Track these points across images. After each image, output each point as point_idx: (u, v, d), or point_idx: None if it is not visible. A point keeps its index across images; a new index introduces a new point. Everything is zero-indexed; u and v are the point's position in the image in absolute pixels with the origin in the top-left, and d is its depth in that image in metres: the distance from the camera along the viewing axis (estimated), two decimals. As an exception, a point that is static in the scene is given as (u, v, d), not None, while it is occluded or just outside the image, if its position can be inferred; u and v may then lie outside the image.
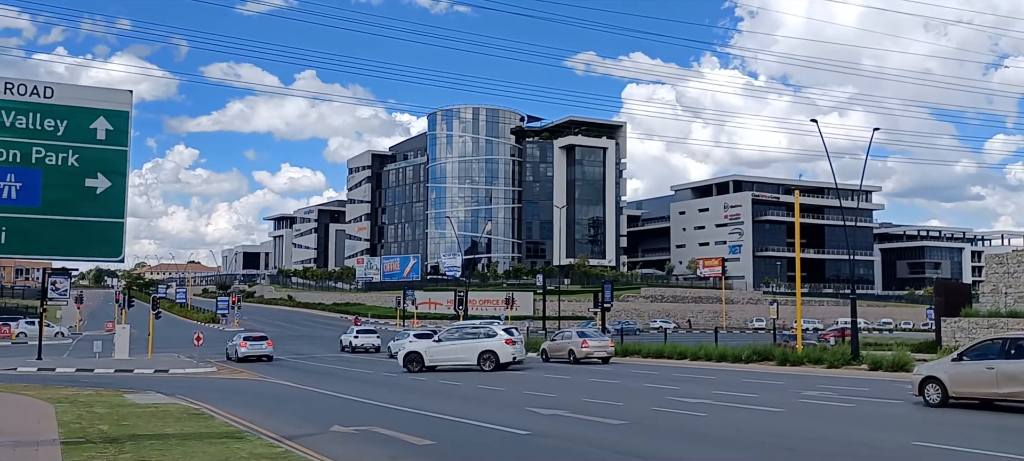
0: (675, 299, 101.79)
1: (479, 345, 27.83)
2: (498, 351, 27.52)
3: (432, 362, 27.80)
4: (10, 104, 11.41)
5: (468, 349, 27.86)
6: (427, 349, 28.14)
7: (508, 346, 27.75)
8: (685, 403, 18.38)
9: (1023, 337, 16.95)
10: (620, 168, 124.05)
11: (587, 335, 35.27)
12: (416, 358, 27.82)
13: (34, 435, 12.95)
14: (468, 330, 30.02)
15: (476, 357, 27.69)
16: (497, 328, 29.74)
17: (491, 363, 27.44)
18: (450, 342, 28.47)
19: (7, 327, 57.98)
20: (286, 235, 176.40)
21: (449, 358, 28.04)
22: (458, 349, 27.95)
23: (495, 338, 28.14)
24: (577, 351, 33.60)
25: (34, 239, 11.49)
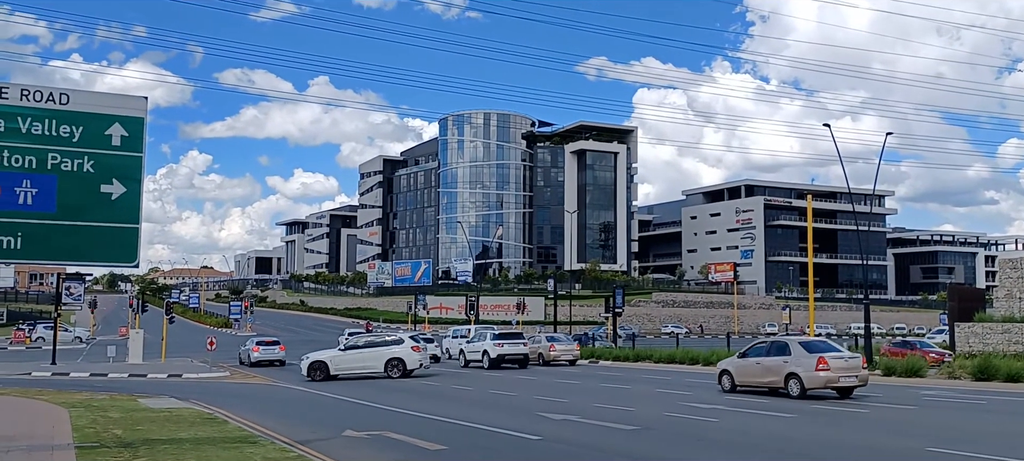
0: (687, 304, 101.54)
1: (386, 353, 27.95)
2: (405, 358, 27.71)
3: (337, 371, 27.70)
4: (26, 111, 11.51)
5: (375, 357, 27.93)
6: (332, 358, 28.01)
7: (415, 353, 28.06)
8: (697, 408, 18.35)
9: (782, 339, 23.67)
10: (631, 173, 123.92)
11: (556, 339, 39.56)
12: (321, 367, 27.65)
13: (49, 440, 13.05)
14: (374, 339, 30.25)
15: (383, 364, 27.77)
16: (404, 336, 30.14)
17: (398, 370, 27.54)
18: (357, 350, 28.51)
19: (22, 332, 58.39)
20: (298, 240, 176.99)
21: (355, 367, 28.01)
22: (365, 357, 28.07)
23: (402, 345, 28.39)
24: (545, 354, 37.13)
25: (50, 245, 11.58)
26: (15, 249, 11.33)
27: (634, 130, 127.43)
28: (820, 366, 20.30)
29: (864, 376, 21.02)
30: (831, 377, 20.27)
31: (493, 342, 35.56)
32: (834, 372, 20.28)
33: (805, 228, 77.97)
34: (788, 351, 21.46)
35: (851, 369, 20.65)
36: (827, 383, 20.36)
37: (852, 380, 20.62)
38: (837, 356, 20.87)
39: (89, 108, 11.91)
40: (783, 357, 21.33)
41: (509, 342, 35.72)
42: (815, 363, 20.38)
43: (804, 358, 20.75)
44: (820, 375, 20.25)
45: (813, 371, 20.34)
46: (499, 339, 35.96)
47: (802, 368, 20.57)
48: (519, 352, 35.31)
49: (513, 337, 36.65)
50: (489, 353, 35.07)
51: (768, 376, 21.56)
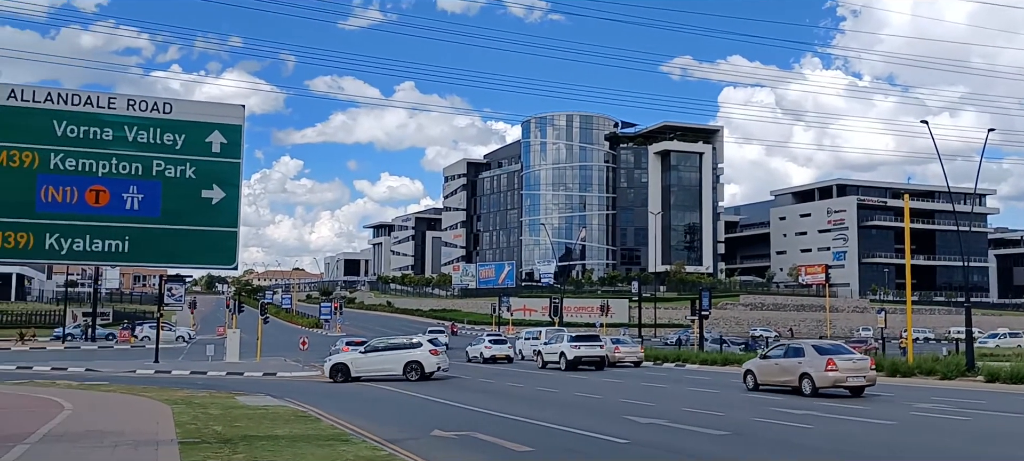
0: (776, 307, 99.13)
1: (405, 355, 28.34)
2: (423, 361, 28.04)
3: (358, 373, 28.19)
4: (132, 120, 12.05)
5: (394, 359, 28.33)
6: (353, 360, 28.54)
7: (433, 356, 28.38)
8: (790, 414, 17.90)
9: (793, 343, 25.92)
10: (717, 173, 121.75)
11: (620, 341, 41.31)
12: (342, 369, 28.24)
13: (153, 435, 13.64)
14: (393, 342, 30.91)
15: (402, 367, 28.13)
16: (422, 339, 30.53)
17: (416, 373, 27.92)
18: (377, 353, 28.93)
19: (127, 331, 61.22)
20: (385, 243, 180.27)
21: (376, 368, 28.47)
22: (385, 359, 28.48)
23: (420, 349, 28.76)
24: (610, 356, 37.43)
25: (155, 248, 12.09)
26: (123, 252, 11.89)
27: (720, 130, 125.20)
28: (829, 367, 22.28)
29: (872, 377, 22.94)
30: (839, 377, 22.23)
31: (570, 344, 36.26)
32: (842, 372, 22.24)
33: (901, 229, 74.97)
34: (802, 353, 23.43)
35: (859, 370, 22.54)
36: (835, 382, 22.30)
37: (860, 380, 22.42)
38: (845, 358, 22.81)
39: (190, 116, 12.39)
40: (798, 359, 23.38)
41: (586, 344, 36.45)
42: (825, 364, 22.36)
43: (816, 359, 22.74)
44: (829, 375, 22.27)
45: (823, 371, 22.36)
46: (576, 341, 36.65)
47: (813, 369, 22.57)
48: (596, 354, 35.97)
49: (590, 340, 37.41)
50: (566, 355, 35.72)
51: (785, 376, 23.69)
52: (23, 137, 11.49)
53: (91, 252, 11.72)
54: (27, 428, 13.92)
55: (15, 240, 11.40)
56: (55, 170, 11.55)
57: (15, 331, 60.96)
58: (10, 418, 15.69)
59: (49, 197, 11.52)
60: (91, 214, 11.62)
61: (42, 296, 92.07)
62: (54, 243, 11.51)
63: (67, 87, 12.73)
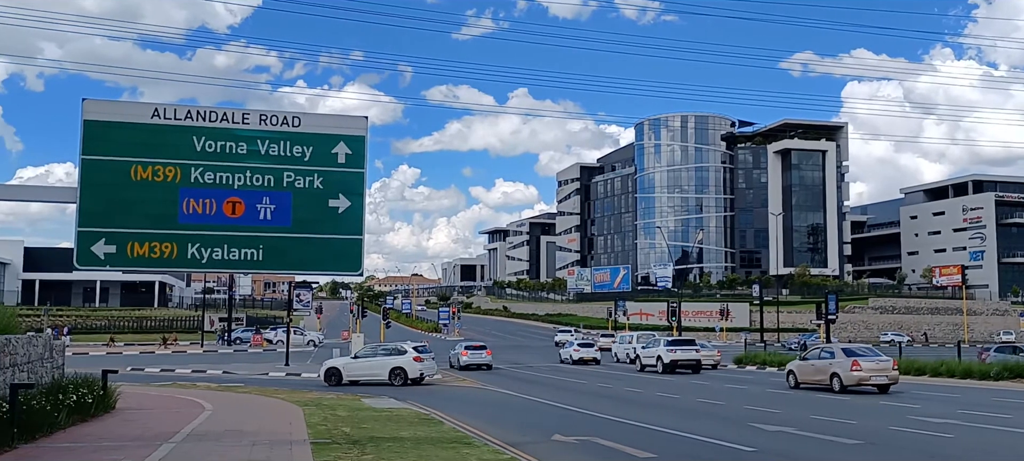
0: (908, 310, 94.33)
1: (391, 362, 29.47)
2: (406, 367, 29.17)
3: (349, 377, 29.44)
4: (265, 134, 12.62)
5: (382, 365, 29.48)
6: (345, 365, 29.98)
7: (416, 363, 29.43)
8: (927, 422, 16.97)
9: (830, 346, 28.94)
10: (842, 171, 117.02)
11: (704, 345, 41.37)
12: (335, 373, 29.63)
13: (287, 435, 14.22)
14: (382, 348, 32.18)
15: (388, 373, 29.15)
16: (407, 346, 31.49)
17: (400, 378, 28.92)
18: (366, 359, 30.11)
19: (260, 335, 64.17)
20: (500, 248, 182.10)
21: (365, 373, 29.57)
22: (373, 365, 29.63)
23: (405, 355, 29.86)
24: (664, 358, 37.18)
25: (286, 256, 12.61)
26: (258, 260, 12.45)
27: (844, 126, 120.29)
28: (854, 367, 24.84)
29: (894, 376, 25.44)
30: (863, 376, 24.78)
31: (666, 348, 37.71)
32: (866, 372, 24.83)
33: (1048, 226, 70.04)
34: (833, 355, 26.30)
35: (881, 370, 25.08)
36: (859, 381, 24.85)
37: (882, 379, 24.97)
38: (869, 359, 25.33)
39: (317, 129, 12.87)
40: (829, 360, 26.10)
41: (681, 348, 37.88)
42: (850, 365, 24.89)
43: (843, 361, 25.34)
44: (854, 374, 24.78)
45: (849, 371, 24.84)
46: (672, 345, 38.19)
47: (841, 369, 25.14)
48: (691, 358, 37.20)
49: (685, 344, 38.80)
50: (663, 358, 37.06)
51: (818, 375, 26.21)
52: (166, 153, 12.21)
53: (229, 261, 12.33)
54: (173, 427, 14.78)
55: (160, 250, 12.12)
56: (195, 183, 12.21)
57: (158, 336, 64.90)
58: (157, 418, 16.71)
59: (190, 209, 12.20)
60: (228, 225, 12.23)
61: (182, 303, 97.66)
62: (195, 252, 12.17)
63: (204, 105, 13.45)
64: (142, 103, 13.03)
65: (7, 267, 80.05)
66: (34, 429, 12.68)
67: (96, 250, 11.93)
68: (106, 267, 12.22)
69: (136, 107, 12.69)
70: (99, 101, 12.47)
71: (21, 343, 14.79)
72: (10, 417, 11.88)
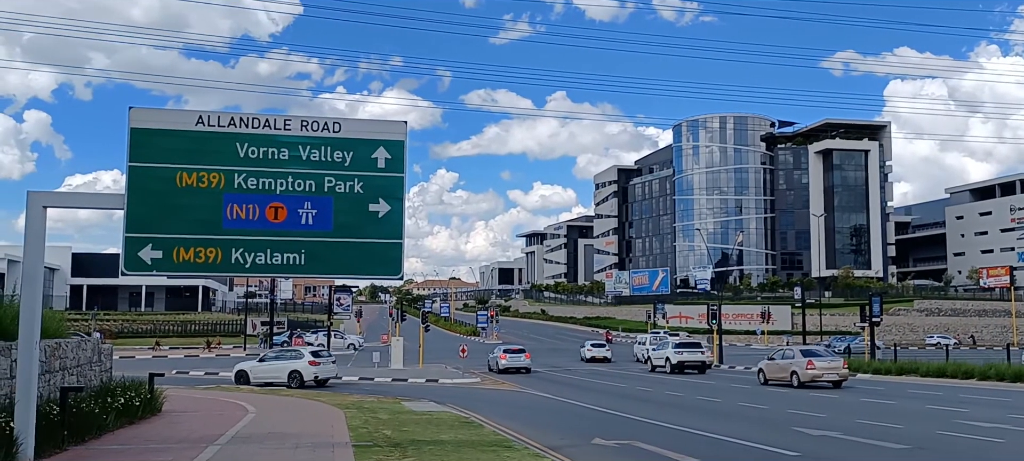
0: (954, 312, 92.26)
1: (289, 365, 31.25)
2: (302, 371, 30.76)
3: (255, 379, 31.26)
4: (306, 140, 12.74)
5: (281, 368, 31.24)
6: (252, 368, 31.83)
7: (311, 367, 30.99)
8: (977, 427, 16.60)
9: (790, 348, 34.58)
10: (885, 171, 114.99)
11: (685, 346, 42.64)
12: (243, 375, 31.61)
13: (329, 438, 14.35)
14: (283, 353, 34.12)
15: (286, 376, 30.79)
16: (304, 352, 33.02)
17: (297, 381, 30.45)
18: (270, 363, 32.06)
19: (301, 339, 64.85)
20: (537, 251, 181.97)
21: (268, 376, 31.30)
22: (275, 368, 31.38)
23: (301, 360, 31.53)
24: (672, 359, 39.58)
25: (327, 260, 12.71)
26: (300, 265, 12.57)
27: (887, 125, 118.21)
28: (809, 366, 29.21)
29: (844, 373, 29.66)
30: (817, 373, 29.03)
31: (674, 350, 40.34)
32: (819, 370, 29.08)
33: (1101, 225, 68.03)
34: (793, 356, 30.70)
35: (833, 368, 29.31)
36: (813, 378, 29.03)
37: (834, 376, 29.05)
38: (822, 359, 29.95)
39: (357, 134, 12.96)
40: (790, 360, 30.53)
41: (688, 350, 40.46)
42: (806, 364, 29.34)
43: (801, 360, 29.86)
44: (809, 372, 29.10)
45: (805, 369, 29.24)
46: (679, 347, 40.81)
47: (799, 367, 29.59)
48: (697, 359, 39.61)
49: (692, 346, 41.51)
50: (671, 359, 39.67)
51: (781, 372, 30.53)
52: (211, 160, 12.40)
53: (271, 265, 12.46)
54: (217, 430, 15.00)
55: (205, 255, 12.30)
56: (239, 189, 12.37)
57: (203, 339, 65.95)
58: (202, 420, 16.97)
59: (234, 215, 12.36)
60: (271, 230, 12.37)
61: (225, 307, 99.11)
62: (239, 257, 12.33)
63: (246, 112, 13.61)
64: (187, 111, 13.23)
65: (56, 273, 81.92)
66: (83, 431, 12.96)
67: (143, 255, 12.15)
68: (152, 272, 12.42)
69: (181, 115, 12.90)
70: (145, 109, 12.69)
71: (70, 347, 15.13)
72: (61, 419, 12.16)
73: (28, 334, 11.02)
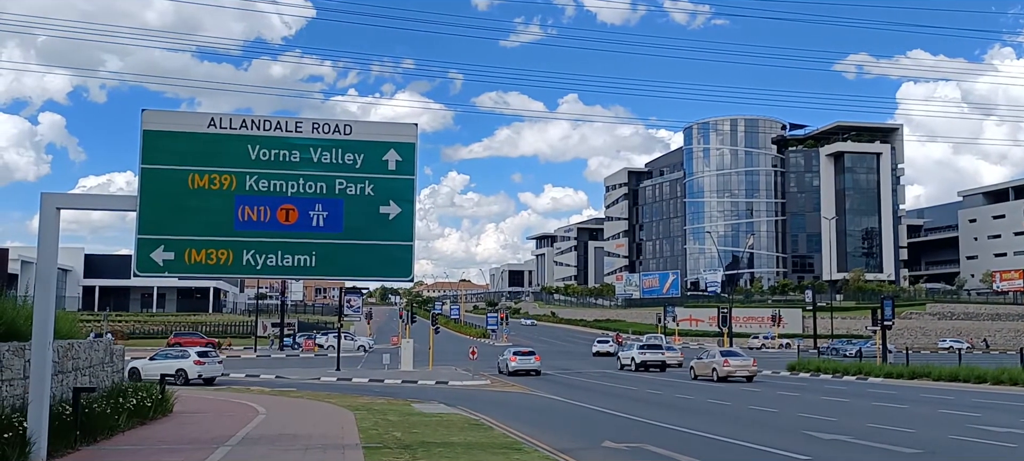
0: (967, 316, 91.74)
1: (176, 363, 33.38)
2: (187, 369, 33.03)
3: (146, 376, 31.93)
4: (317, 142, 12.78)
5: (168, 366, 32.81)
6: (143, 365, 33.12)
7: (196, 366, 33.23)
8: (989, 432, 16.50)
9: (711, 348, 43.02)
10: (897, 174, 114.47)
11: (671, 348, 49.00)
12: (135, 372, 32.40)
13: (339, 439, 14.38)
14: (171, 353, 36.42)
15: (174, 372, 32.49)
16: (190, 352, 35.14)
17: (182, 378, 32.33)
18: (159, 361, 33.76)
19: (311, 340, 65.04)
20: (548, 253, 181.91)
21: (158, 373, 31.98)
22: (164, 366, 32.75)
23: (187, 359, 33.76)
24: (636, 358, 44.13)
25: (338, 262, 12.74)
26: (311, 267, 12.60)
27: (899, 128, 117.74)
28: (725, 364, 35.10)
29: (754, 370, 35.57)
30: (731, 370, 34.74)
31: (639, 350, 45.32)
32: (733, 367, 34.89)
33: (1116, 229, 67.34)
34: (714, 355, 36.94)
35: (744, 366, 35.14)
36: (729, 374, 34.60)
37: (746, 372, 34.97)
38: (736, 358, 35.98)
39: (368, 137, 12.98)
40: (711, 359, 36.51)
41: (650, 350, 45.71)
42: (723, 362, 35.30)
43: (719, 359, 35.85)
44: (725, 369, 34.83)
45: (722, 366, 34.97)
46: (643, 348, 45.97)
47: (718, 365, 35.47)
48: (657, 359, 44.41)
49: (654, 347, 47.34)
50: (635, 359, 44.25)
51: (706, 369, 36.10)
52: (222, 161, 12.44)
53: (283, 267, 12.50)
54: (228, 431, 15.06)
55: (217, 257, 12.34)
56: (250, 191, 12.41)
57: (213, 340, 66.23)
58: (213, 421, 17.04)
59: (245, 216, 12.40)
60: (282, 231, 12.41)
61: (236, 308, 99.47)
62: (251, 259, 12.37)
63: (258, 114, 13.66)
64: (199, 113, 13.30)
65: (69, 274, 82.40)
66: (95, 431, 13.04)
67: (155, 257, 12.20)
68: (164, 274, 12.47)
69: (193, 117, 12.97)
70: (158, 111, 12.75)
71: (82, 348, 15.22)
72: (73, 420, 12.23)
73: (41, 335, 11.09)
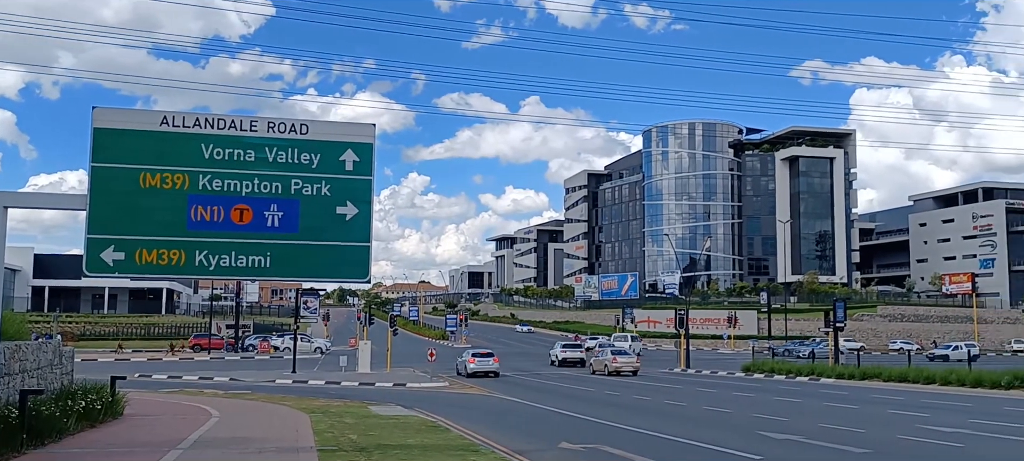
0: (917, 318, 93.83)
1: None
2: None
3: None
4: (272, 141, 12.66)
5: None
6: None
7: None
8: (937, 432, 16.89)
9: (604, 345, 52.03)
10: (850, 178, 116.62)
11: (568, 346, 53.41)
12: None
13: (294, 442, 14.23)
14: None
15: None
16: None
17: None
18: None
19: (267, 342, 64.24)
20: (507, 255, 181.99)
21: None
22: None
23: None
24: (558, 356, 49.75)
25: (294, 263, 12.63)
26: (266, 267, 12.48)
27: (852, 133, 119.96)
28: (613, 362, 40.40)
29: (637, 366, 40.71)
30: (619, 366, 39.90)
31: (561, 349, 50.90)
32: (620, 363, 40.12)
33: (1058, 233, 69.49)
34: (606, 354, 42.19)
35: (630, 362, 40.50)
36: (618, 369, 39.71)
37: (631, 368, 40.05)
38: (623, 355, 41.54)
39: (325, 136, 12.90)
40: (603, 357, 41.79)
41: (570, 349, 51.22)
42: (612, 359, 40.55)
43: (609, 356, 41.32)
44: (614, 365, 40.04)
45: (611, 363, 40.18)
46: (564, 347, 51.80)
47: (607, 361, 40.64)
48: (576, 356, 49.38)
49: (573, 346, 53.16)
50: (557, 357, 49.58)
51: (599, 365, 41.22)
52: (175, 160, 12.27)
53: (236, 267, 12.36)
54: (180, 434, 14.81)
55: (169, 257, 12.17)
56: (203, 191, 12.26)
57: (166, 342, 65.05)
58: (165, 424, 16.74)
59: (198, 216, 12.24)
60: (236, 232, 12.26)
61: (189, 309, 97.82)
62: (203, 259, 12.21)
63: (213, 113, 13.48)
64: (151, 111, 13.11)
65: (17, 274, 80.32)
66: (43, 435, 12.73)
67: (105, 257, 11.99)
68: (115, 274, 12.28)
69: (145, 115, 12.76)
70: (109, 109, 12.53)
71: (31, 350, 14.86)
72: (20, 422, 11.93)
73: (-15, 336, 10.80)
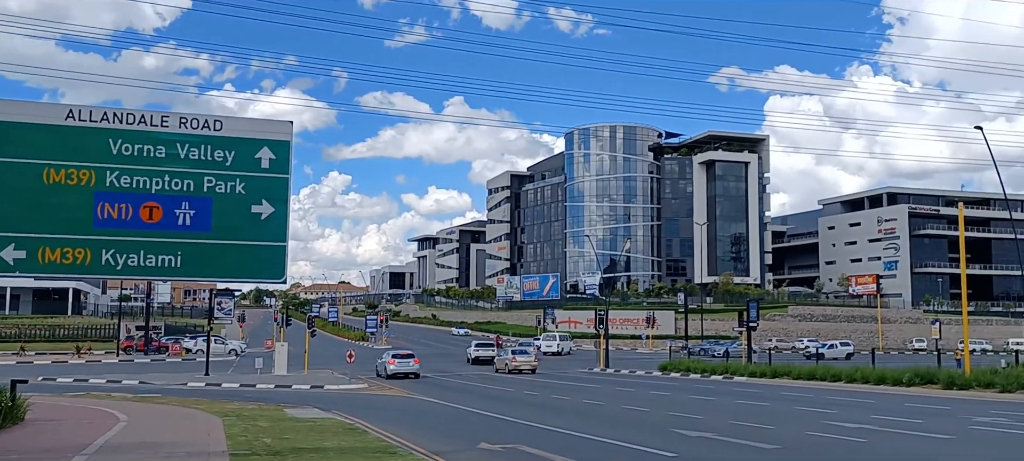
0: (825, 318, 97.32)
1: None
2: None
3: None
4: (185, 137, 12.28)
5: None
6: None
7: None
8: (842, 428, 17.55)
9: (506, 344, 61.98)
10: (763, 183, 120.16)
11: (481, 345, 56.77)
12: None
13: (205, 447, 13.85)
14: None
15: None
16: None
17: None
18: None
19: (178, 344, 62.39)
20: (429, 255, 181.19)
21: None
22: None
23: None
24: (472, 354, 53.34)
25: (206, 263, 12.29)
26: (176, 267, 12.10)
27: (766, 139, 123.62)
28: (512, 360, 43.43)
29: (535, 364, 43.83)
30: (519, 364, 43.01)
31: (475, 347, 54.86)
32: (520, 362, 43.21)
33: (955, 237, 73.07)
34: (507, 353, 45.64)
35: (528, 361, 43.51)
36: (519, 367, 42.69)
37: (529, 366, 42.93)
38: (522, 355, 44.54)
39: (240, 133, 12.58)
40: (506, 356, 44.94)
41: (483, 348, 54.84)
42: (512, 359, 43.67)
43: (510, 356, 44.47)
44: (515, 364, 43.11)
45: (512, 362, 43.33)
46: (477, 346, 55.41)
47: (510, 360, 43.72)
48: (488, 354, 52.17)
49: (486, 345, 56.60)
50: (471, 354, 53.29)
51: (503, 364, 44.27)
52: (80, 156, 11.79)
53: (145, 267, 11.95)
54: (85, 439, 14.25)
55: (73, 256, 11.69)
56: (111, 187, 11.81)
57: (72, 344, 62.53)
58: (70, 429, 16.09)
59: (105, 214, 11.79)
60: (145, 230, 11.86)
61: (97, 310, 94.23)
62: (110, 259, 11.77)
63: (122, 107, 13.03)
64: (56, 104, 12.60)
65: (-92, 273, 76.05)
66: (-67, 443, 12.07)
67: (5, 256, 11.46)
68: (15, 273, 11.72)
69: (49, 108, 12.23)
70: (9, 102, 11.97)
71: (-80, 353, 14.08)
72: (-93, 431, 11.30)
73: None
